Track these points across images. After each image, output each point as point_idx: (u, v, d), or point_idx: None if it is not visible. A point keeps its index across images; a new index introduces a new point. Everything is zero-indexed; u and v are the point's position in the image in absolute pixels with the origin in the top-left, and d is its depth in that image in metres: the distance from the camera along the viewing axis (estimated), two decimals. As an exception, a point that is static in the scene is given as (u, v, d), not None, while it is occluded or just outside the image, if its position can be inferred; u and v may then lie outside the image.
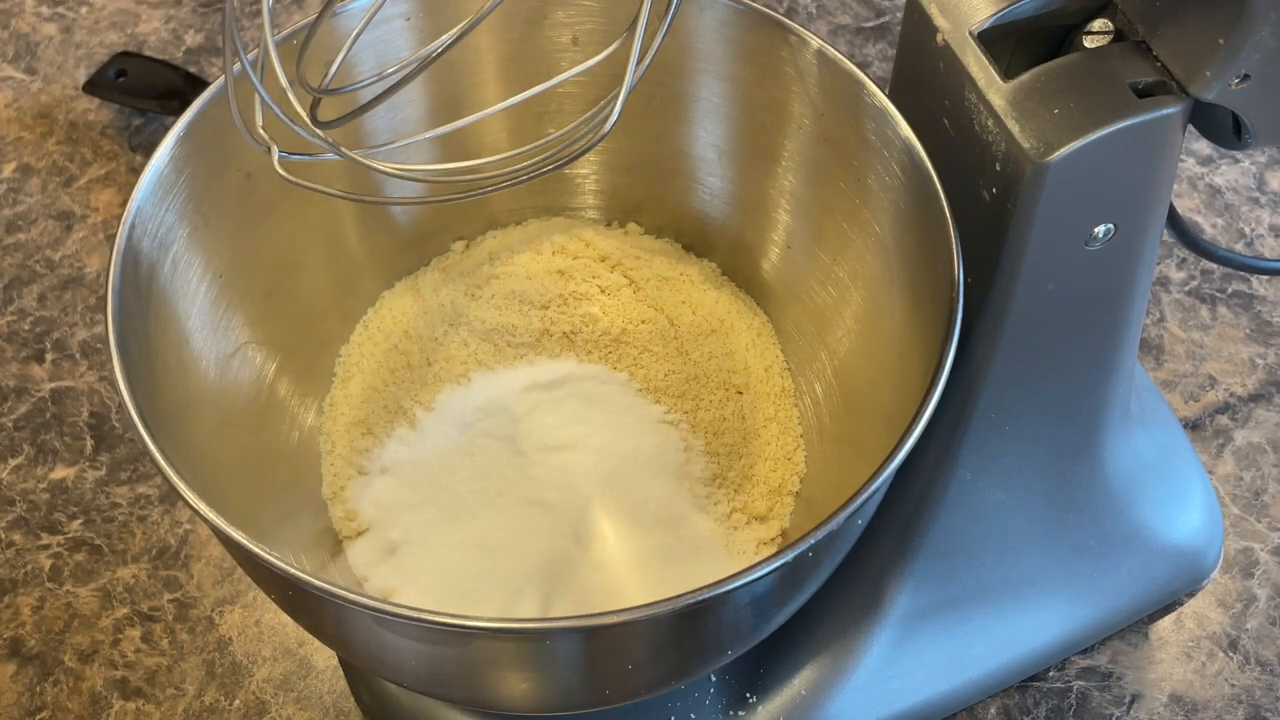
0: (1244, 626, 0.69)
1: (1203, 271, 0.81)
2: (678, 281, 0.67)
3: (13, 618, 0.69)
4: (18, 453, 0.74)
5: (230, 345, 0.60)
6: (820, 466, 0.63)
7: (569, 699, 0.53)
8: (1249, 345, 0.79)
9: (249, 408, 0.61)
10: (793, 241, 0.65)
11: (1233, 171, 0.85)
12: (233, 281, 0.59)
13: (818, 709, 0.63)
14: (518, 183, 0.51)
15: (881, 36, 0.91)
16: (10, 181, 0.85)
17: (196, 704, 0.66)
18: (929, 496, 0.61)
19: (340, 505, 0.62)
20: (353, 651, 0.53)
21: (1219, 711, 0.67)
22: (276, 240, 0.61)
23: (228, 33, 0.42)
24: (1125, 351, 0.60)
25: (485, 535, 0.60)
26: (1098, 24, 0.52)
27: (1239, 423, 0.76)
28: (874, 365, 0.60)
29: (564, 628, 0.46)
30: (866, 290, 0.61)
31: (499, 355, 0.65)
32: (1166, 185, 0.53)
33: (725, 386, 0.65)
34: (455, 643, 0.48)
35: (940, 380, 0.48)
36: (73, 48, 0.91)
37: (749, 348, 0.66)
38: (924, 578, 0.63)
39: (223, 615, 0.69)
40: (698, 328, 0.66)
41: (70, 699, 0.66)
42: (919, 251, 0.55)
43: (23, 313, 0.79)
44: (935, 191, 0.52)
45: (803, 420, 0.64)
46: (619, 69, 0.45)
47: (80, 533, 0.71)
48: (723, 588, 0.44)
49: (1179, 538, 0.68)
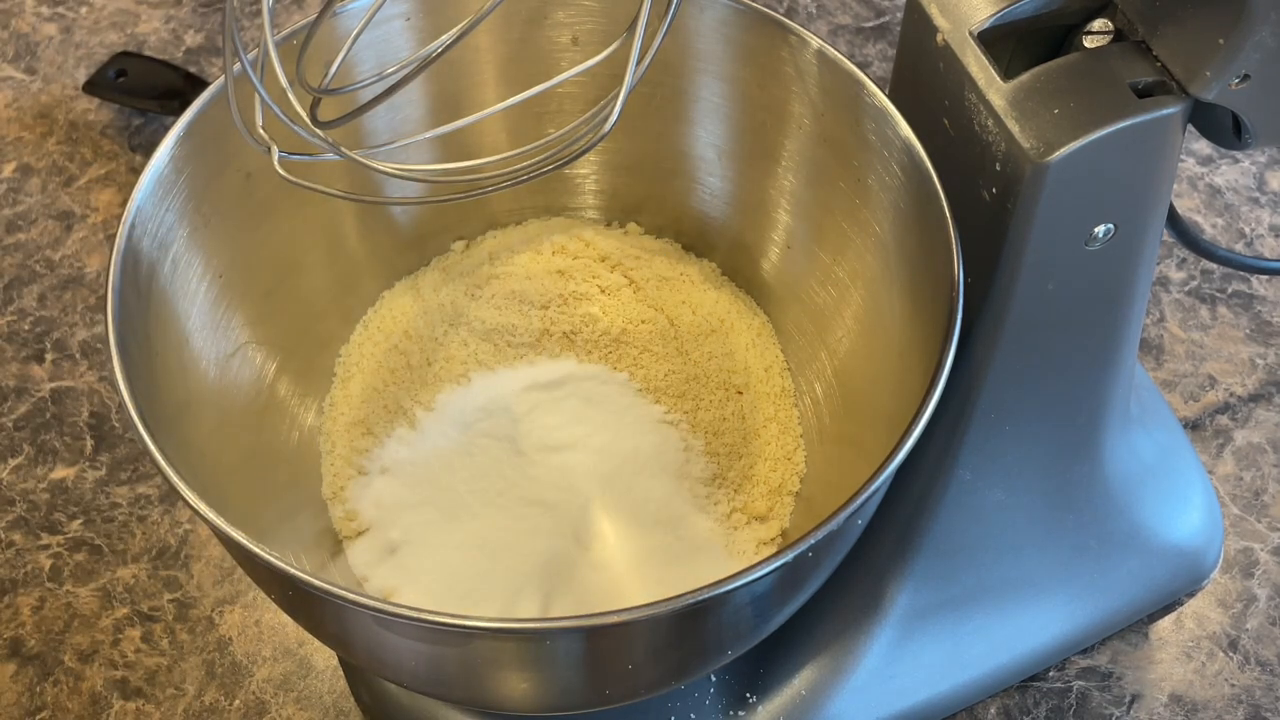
0: (1244, 626, 0.69)
1: (1203, 271, 0.81)
2: (678, 281, 0.67)
3: (13, 618, 0.69)
4: (18, 453, 0.74)
5: (230, 345, 0.59)
6: (820, 466, 0.63)
7: (569, 699, 0.53)
8: (1249, 345, 0.79)
9: (249, 408, 0.61)
10: (793, 241, 0.65)
11: (1233, 171, 0.85)
12: (233, 281, 0.59)
13: (818, 709, 0.63)
14: (518, 183, 0.51)
15: (881, 36, 0.91)
16: (10, 181, 0.85)
17: (196, 704, 0.66)
18: (929, 496, 0.61)
19: (340, 505, 0.62)
20: (352, 651, 0.53)
21: (1219, 711, 0.67)
22: (276, 240, 0.61)
23: (227, 32, 0.41)
24: (1125, 351, 0.60)
25: (485, 535, 0.60)
26: (1098, 24, 0.52)
27: (1239, 423, 0.76)
28: (874, 365, 0.60)
29: (564, 628, 0.46)
30: (866, 290, 0.61)
31: (499, 355, 0.65)
32: (1166, 185, 0.53)
33: (725, 386, 0.65)
34: (455, 643, 0.48)
35: (940, 380, 0.48)
36: (73, 48, 0.91)
37: (749, 348, 0.66)
38: (924, 578, 0.63)
39: (223, 615, 0.69)
40: (698, 328, 0.66)
41: (70, 699, 0.66)
42: (919, 251, 0.55)
43: (23, 313, 0.79)
44: (935, 191, 0.52)
45: (803, 420, 0.64)
46: (619, 69, 0.45)
47: (80, 533, 0.71)
48: (723, 588, 0.44)
49: (1179, 538, 0.68)
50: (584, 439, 0.63)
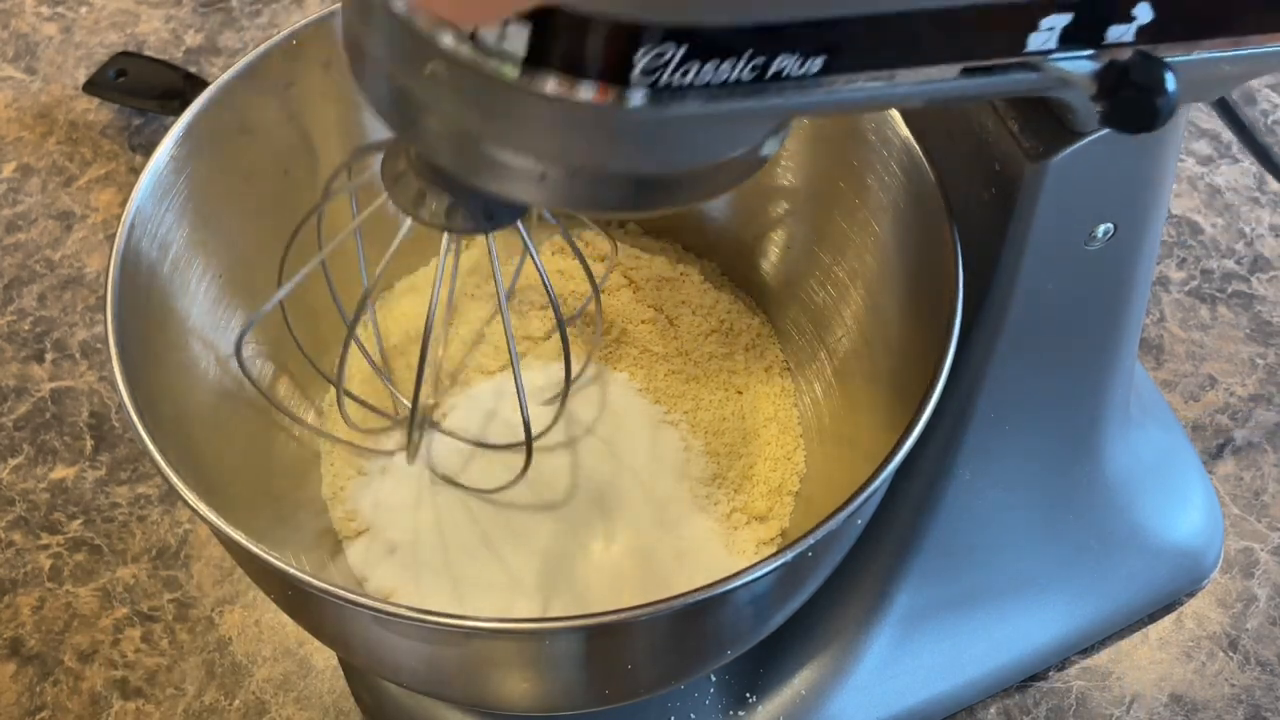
0: (1244, 626, 0.69)
1: (1203, 271, 0.81)
2: (678, 281, 0.67)
3: (13, 618, 0.69)
4: (17, 453, 0.74)
5: (230, 345, 0.59)
6: (820, 466, 0.63)
7: (569, 699, 0.53)
8: (1249, 345, 0.79)
9: (249, 408, 0.60)
10: (793, 241, 0.65)
11: (1233, 171, 0.85)
12: (233, 281, 0.59)
13: (818, 709, 0.63)
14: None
15: (881, 36, 0.91)
16: (10, 181, 0.85)
17: (196, 704, 0.66)
18: (929, 496, 0.61)
19: (340, 505, 0.62)
20: (352, 651, 0.53)
21: (1219, 712, 0.67)
22: (276, 241, 0.61)
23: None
24: (1125, 351, 0.60)
25: (485, 535, 0.60)
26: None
27: (1239, 422, 0.76)
28: (874, 365, 0.60)
29: (564, 628, 0.46)
30: (866, 290, 0.61)
31: (499, 355, 0.65)
32: (1166, 185, 0.53)
33: (725, 387, 0.65)
34: (455, 643, 0.48)
35: (940, 380, 0.48)
36: (72, 47, 0.91)
37: (749, 348, 0.66)
38: (924, 578, 0.63)
39: (222, 615, 0.69)
40: (698, 328, 0.66)
41: (70, 699, 0.66)
42: (919, 251, 0.55)
43: (22, 313, 0.79)
44: (935, 191, 0.52)
45: (802, 420, 0.64)
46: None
47: (80, 533, 0.71)
48: (723, 588, 0.44)
49: (1179, 538, 0.68)
50: (583, 439, 0.63)
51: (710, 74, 0.34)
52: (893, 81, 0.38)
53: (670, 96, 0.34)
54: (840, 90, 0.37)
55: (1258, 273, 0.81)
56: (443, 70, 0.34)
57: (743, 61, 0.34)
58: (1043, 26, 0.39)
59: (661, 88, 0.34)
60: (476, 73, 0.34)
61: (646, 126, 0.35)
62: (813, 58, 0.36)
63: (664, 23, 0.33)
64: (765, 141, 0.39)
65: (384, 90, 0.37)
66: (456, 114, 0.36)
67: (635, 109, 0.34)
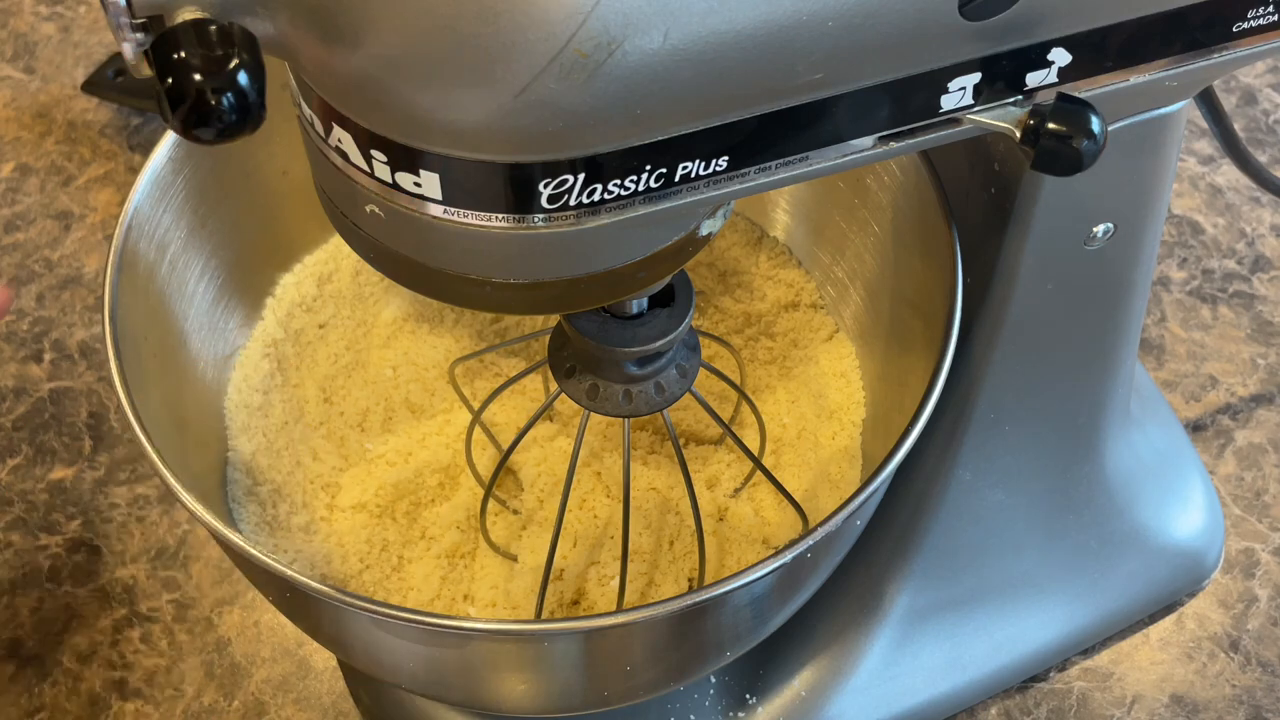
0: (1245, 627, 0.69)
1: (1203, 271, 0.81)
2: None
3: (11, 618, 0.68)
4: (16, 453, 0.74)
5: (228, 346, 0.59)
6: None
7: (568, 700, 0.53)
8: (1250, 345, 0.79)
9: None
10: (793, 241, 0.65)
11: (1234, 171, 0.85)
12: (231, 282, 0.59)
13: (818, 709, 0.63)
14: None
15: (881, 35, 0.91)
16: (9, 181, 0.85)
17: (195, 704, 0.66)
18: (929, 496, 0.60)
19: (339, 506, 0.62)
20: (351, 653, 0.52)
21: (1220, 712, 0.67)
22: (274, 241, 0.61)
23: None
24: (1125, 351, 0.60)
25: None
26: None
27: (1240, 423, 0.76)
28: (874, 365, 0.60)
29: (563, 629, 0.46)
30: (866, 290, 0.61)
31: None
32: (1166, 185, 0.53)
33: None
34: (453, 644, 0.48)
35: (939, 380, 0.48)
36: (71, 47, 0.91)
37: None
38: (924, 578, 0.63)
39: (221, 616, 0.69)
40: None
41: (69, 699, 0.66)
42: (919, 251, 0.54)
43: (21, 313, 0.79)
44: (935, 192, 0.52)
45: (802, 420, 0.64)
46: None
47: (79, 533, 0.71)
48: (721, 588, 0.44)
49: (1180, 538, 0.68)
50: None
51: (618, 189, 0.36)
52: (807, 161, 0.39)
53: (585, 212, 0.36)
54: (753, 178, 0.38)
55: (1259, 273, 0.81)
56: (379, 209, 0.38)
57: (645, 174, 0.36)
58: (952, 88, 0.39)
59: (574, 207, 0.36)
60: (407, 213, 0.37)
61: (569, 239, 0.37)
62: (716, 158, 0.37)
63: (551, 160, 0.35)
64: (701, 224, 0.40)
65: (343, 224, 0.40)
66: (399, 241, 0.39)
67: (551, 231, 0.36)
